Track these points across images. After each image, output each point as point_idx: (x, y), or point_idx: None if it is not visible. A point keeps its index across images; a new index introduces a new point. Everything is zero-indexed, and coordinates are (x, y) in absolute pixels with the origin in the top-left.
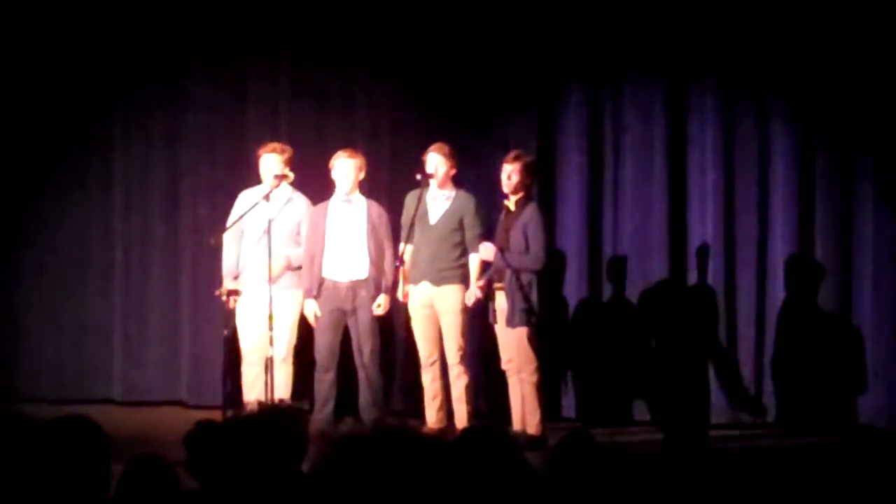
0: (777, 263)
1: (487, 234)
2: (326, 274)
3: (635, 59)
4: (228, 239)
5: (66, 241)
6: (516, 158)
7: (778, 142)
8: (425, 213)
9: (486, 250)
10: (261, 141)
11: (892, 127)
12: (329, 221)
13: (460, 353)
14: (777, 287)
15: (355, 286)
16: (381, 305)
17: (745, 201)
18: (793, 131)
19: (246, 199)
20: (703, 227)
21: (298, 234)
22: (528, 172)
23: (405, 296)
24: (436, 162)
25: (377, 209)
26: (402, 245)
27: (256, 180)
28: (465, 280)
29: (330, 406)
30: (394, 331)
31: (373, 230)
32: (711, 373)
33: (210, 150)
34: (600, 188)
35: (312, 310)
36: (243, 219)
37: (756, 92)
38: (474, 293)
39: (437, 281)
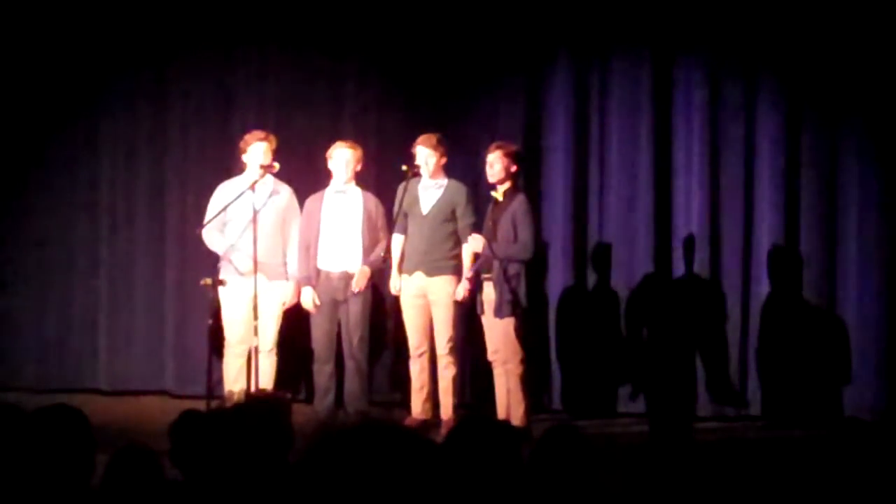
0: (762, 255)
1: (480, 224)
2: (319, 264)
3: (622, 41)
4: (211, 230)
5: (52, 231)
6: (498, 147)
7: (765, 132)
8: (417, 204)
9: (475, 241)
10: (247, 132)
11: (879, 117)
12: (324, 211)
13: (450, 344)
14: (762, 278)
15: (347, 277)
16: (358, 280)
17: (730, 192)
18: (779, 119)
19: (226, 190)
20: (689, 217)
21: (284, 222)
22: (511, 160)
23: (397, 289)
24: (424, 154)
25: (373, 200)
26: (393, 236)
27: (240, 171)
28: (458, 271)
29: (330, 397)
30: (384, 321)
31: (369, 221)
32: (696, 364)
33: (197, 141)
34: (586, 175)
35: (311, 297)
36: (227, 209)
37: (744, 76)
38: (464, 288)
39: (431, 271)
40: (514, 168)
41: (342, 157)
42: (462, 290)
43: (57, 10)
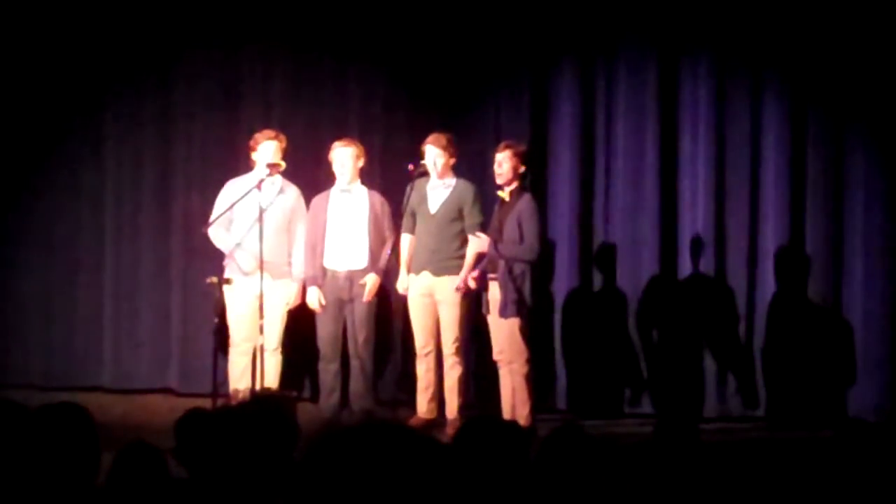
0: (768, 256)
1: (486, 224)
2: (325, 263)
3: (627, 41)
4: (217, 228)
5: (57, 229)
6: (507, 147)
7: (770, 133)
8: (425, 204)
9: (480, 241)
10: (253, 131)
11: (884, 117)
12: (330, 211)
13: (456, 344)
14: (768, 279)
15: (353, 276)
16: (366, 285)
17: (736, 193)
18: (785, 120)
19: (234, 187)
20: (695, 218)
21: (290, 222)
22: (519, 160)
23: (404, 288)
24: (433, 154)
25: (379, 199)
26: (401, 236)
27: (247, 169)
28: None
29: (336, 396)
30: (391, 320)
31: (375, 220)
32: (702, 365)
33: (202, 139)
34: (591, 176)
35: (317, 297)
36: (233, 207)
37: (749, 76)
38: (462, 279)
39: (438, 271)
40: (521, 168)
41: (341, 157)
42: (460, 282)
43: (61, 9)
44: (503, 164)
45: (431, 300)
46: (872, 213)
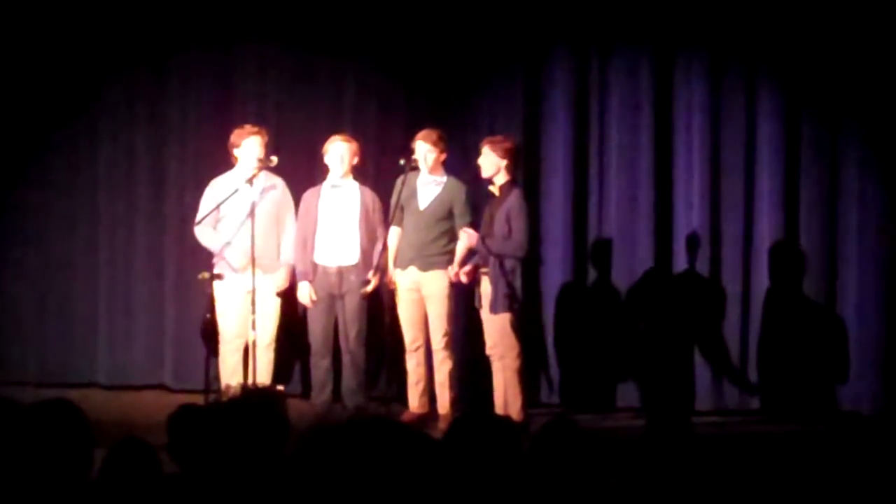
0: (762, 251)
1: (478, 222)
2: (316, 259)
3: (622, 37)
4: (205, 227)
5: (51, 226)
6: (487, 142)
7: (764, 130)
8: (414, 199)
9: (468, 237)
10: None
11: (879, 114)
12: (321, 206)
13: (446, 338)
14: (762, 274)
15: (344, 271)
16: (368, 282)
17: (730, 188)
18: (779, 117)
19: (219, 186)
20: (689, 213)
21: (279, 214)
22: (499, 155)
23: (392, 282)
24: (424, 150)
25: (371, 195)
26: (389, 229)
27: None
28: None
29: (328, 391)
30: (380, 315)
31: (366, 216)
32: (696, 359)
33: (196, 135)
34: (586, 172)
35: (307, 293)
36: (222, 205)
37: (744, 72)
38: (454, 270)
39: (425, 266)
40: (504, 162)
41: (338, 151)
42: (452, 272)
43: (56, 7)
44: (483, 159)
45: (419, 295)
46: (866, 209)
